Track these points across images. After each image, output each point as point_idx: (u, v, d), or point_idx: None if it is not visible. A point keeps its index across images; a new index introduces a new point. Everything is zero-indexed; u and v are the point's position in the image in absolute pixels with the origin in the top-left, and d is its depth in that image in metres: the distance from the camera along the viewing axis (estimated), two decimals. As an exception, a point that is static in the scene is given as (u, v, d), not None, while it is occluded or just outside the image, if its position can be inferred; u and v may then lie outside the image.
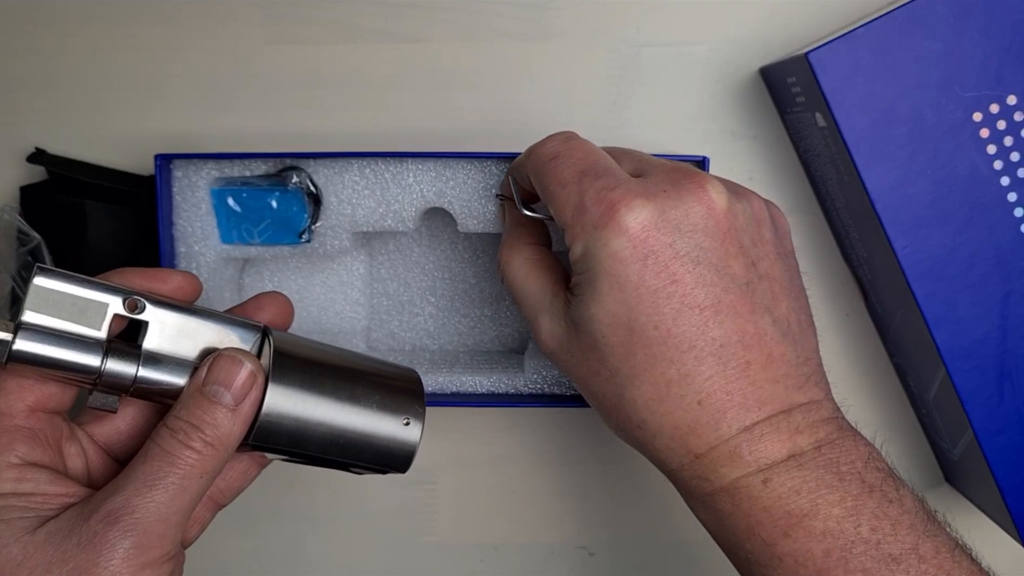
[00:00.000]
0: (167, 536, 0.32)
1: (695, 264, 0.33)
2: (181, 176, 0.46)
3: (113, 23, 0.50)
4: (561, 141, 0.37)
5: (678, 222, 0.34)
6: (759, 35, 0.48)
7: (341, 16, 0.49)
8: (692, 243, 0.34)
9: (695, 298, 0.33)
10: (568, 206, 0.35)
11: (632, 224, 0.33)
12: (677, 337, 0.33)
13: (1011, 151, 0.41)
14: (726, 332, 0.33)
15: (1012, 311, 0.43)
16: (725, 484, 0.33)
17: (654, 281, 0.33)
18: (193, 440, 0.32)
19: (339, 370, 0.36)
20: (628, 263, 0.33)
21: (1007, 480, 0.43)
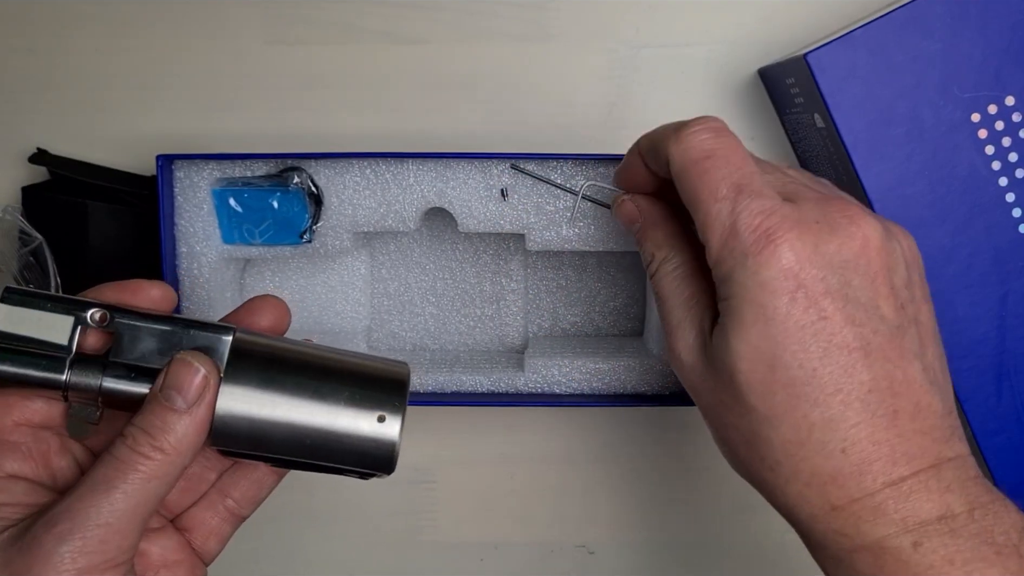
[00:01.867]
0: (110, 542, 0.31)
1: (845, 302, 0.32)
2: (183, 176, 0.46)
3: (114, 23, 0.50)
4: (713, 135, 0.35)
5: (831, 257, 0.32)
6: (758, 36, 0.49)
7: (342, 17, 0.49)
8: (843, 280, 0.32)
9: (844, 338, 0.31)
10: (719, 224, 0.33)
11: (786, 256, 0.31)
12: (823, 378, 0.31)
13: (1009, 152, 0.42)
14: (875, 377, 0.31)
15: (1010, 311, 0.43)
16: (868, 542, 0.31)
17: (803, 317, 0.31)
18: (141, 445, 0.32)
19: (303, 366, 0.35)
20: (777, 295, 0.31)
21: (1005, 480, 0.44)
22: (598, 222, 0.46)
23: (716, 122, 0.35)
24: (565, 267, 0.51)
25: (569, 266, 0.51)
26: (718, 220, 0.33)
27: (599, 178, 0.46)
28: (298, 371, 0.35)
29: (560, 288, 0.51)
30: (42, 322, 0.33)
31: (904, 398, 0.32)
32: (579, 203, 0.45)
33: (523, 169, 0.45)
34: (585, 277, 0.51)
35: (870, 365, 0.31)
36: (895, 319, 0.33)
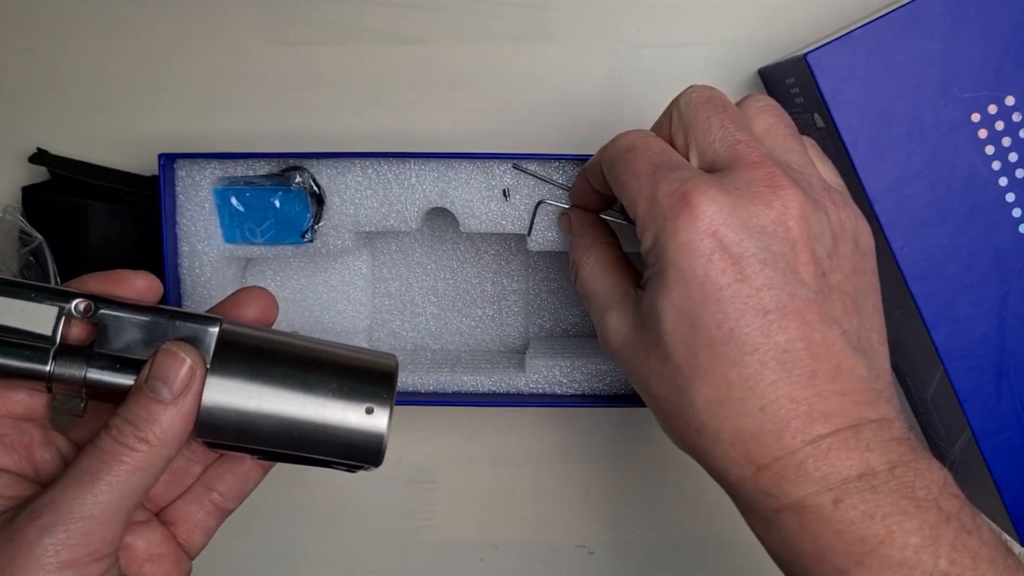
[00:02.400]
0: (94, 534, 0.30)
1: (763, 265, 0.32)
2: (184, 175, 0.46)
3: (114, 23, 0.50)
4: (639, 135, 0.37)
5: (748, 221, 0.33)
6: (758, 36, 0.49)
7: (342, 17, 0.49)
8: (761, 244, 0.33)
9: (760, 300, 0.32)
10: (641, 197, 0.34)
11: (702, 217, 0.32)
12: (740, 338, 0.32)
13: (1009, 152, 0.42)
14: (791, 338, 0.32)
15: (1010, 311, 0.43)
16: (792, 501, 0.32)
17: (720, 278, 0.32)
18: (126, 436, 0.31)
19: (291, 358, 0.34)
20: (695, 256, 0.32)
21: (1005, 480, 0.44)
22: (599, 222, 0.46)
23: (642, 130, 0.38)
24: (566, 267, 0.51)
25: (570, 266, 0.51)
26: (640, 194, 0.34)
27: (600, 178, 0.46)
28: (285, 362, 0.34)
29: (561, 288, 0.51)
30: (25, 312, 0.33)
31: (822, 360, 0.32)
32: (536, 218, 0.45)
33: (525, 169, 0.45)
34: (586, 277, 0.51)
35: (786, 327, 0.32)
36: (815, 285, 0.33)
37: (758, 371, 0.32)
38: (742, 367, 0.32)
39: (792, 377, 0.32)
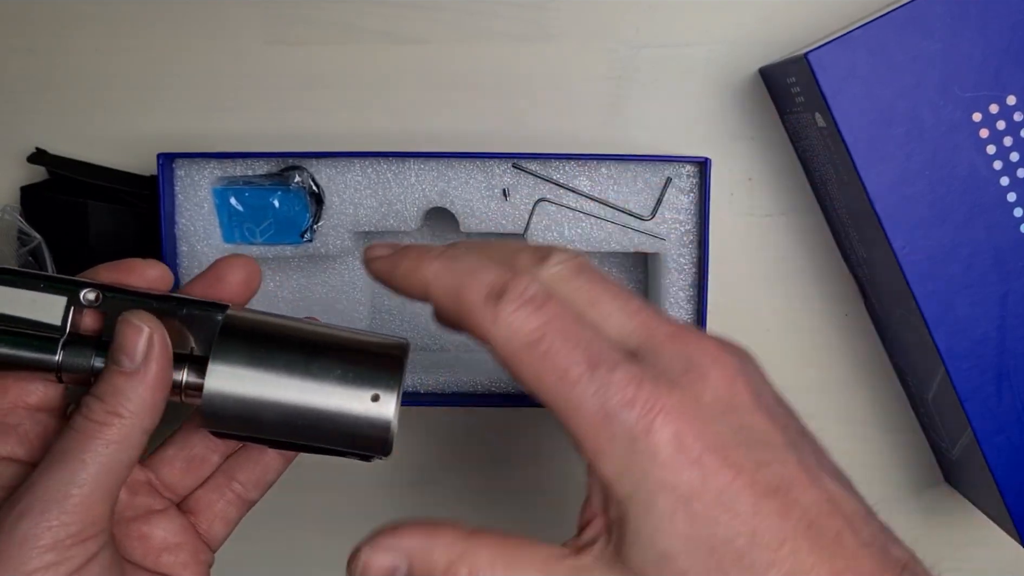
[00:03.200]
0: (75, 514, 0.29)
1: (747, 448, 0.28)
2: (183, 175, 0.46)
3: (113, 23, 0.50)
4: (534, 310, 0.28)
5: (713, 407, 0.28)
6: (758, 36, 0.49)
7: (342, 17, 0.49)
8: (734, 425, 0.28)
9: (765, 484, 0.28)
10: (586, 412, 0.28)
11: (677, 423, 0.27)
12: (764, 535, 0.27)
13: (1010, 151, 0.42)
14: (806, 509, 0.28)
15: (1011, 311, 0.43)
16: None
17: (718, 481, 0.27)
18: (95, 412, 0.31)
19: (296, 343, 0.33)
20: (684, 469, 0.27)
21: (1006, 480, 0.44)
22: (599, 223, 0.46)
23: (529, 285, 0.29)
24: (566, 267, 0.51)
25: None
26: (582, 408, 0.28)
27: (600, 179, 0.46)
28: (289, 348, 0.33)
29: (561, 288, 0.51)
30: (35, 302, 0.33)
31: (837, 516, 0.28)
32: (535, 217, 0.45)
33: (525, 168, 0.45)
34: (586, 277, 0.51)
35: (797, 499, 0.28)
36: (785, 441, 0.29)
37: (794, 563, 0.27)
38: (779, 566, 0.27)
39: (824, 550, 0.27)
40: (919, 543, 0.55)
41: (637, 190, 0.46)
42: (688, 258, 0.47)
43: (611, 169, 0.46)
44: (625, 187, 0.46)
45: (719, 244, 0.50)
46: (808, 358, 0.51)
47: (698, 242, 0.46)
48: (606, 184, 0.46)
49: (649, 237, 0.46)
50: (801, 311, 0.51)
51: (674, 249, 0.46)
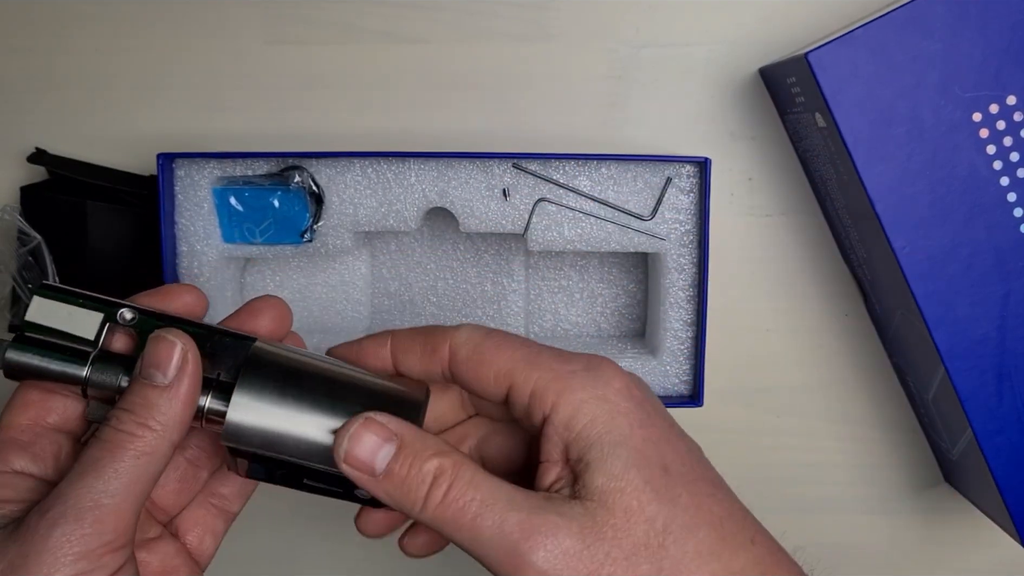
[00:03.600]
0: (106, 523, 0.30)
1: (664, 414, 0.34)
2: (183, 175, 0.46)
3: (113, 23, 0.50)
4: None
5: (634, 380, 0.34)
6: (758, 36, 0.49)
7: (342, 17, 0.49)
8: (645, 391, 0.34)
9: (685, 441, 0.33)
10: (538, 381, 0.33)
11: (618, 372, 0.33)
12: (700, 472, 0.32)
13: (1010, 151, 0.42)
14: (717, 472, 0.34)
15: (1011, 311, 0.43)
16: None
17: (662, 421, 0.33)
18: (126, 424, 0.31)
19: (320, 382, 0.33)
20: (634, 404, 0.32)
21: (1006, 480, 0.44)
22: (599, 223, 0.46)
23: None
24: (567, 267, 0.51)
25: (571, 266, 0.51)
26: (533, 379, 0.33)
27: (600, 179, 0.46)
28: (313, 386, 0.33)
29: (561, 289, 0.51)
30: (72, 317, 0.33)
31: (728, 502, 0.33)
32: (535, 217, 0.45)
33: (525, 168, 0.45)
34: (587, 277, 0.51)
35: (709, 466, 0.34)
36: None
37: (732, 503, 0.32)
38: (720, 498, 0.32)
39: (752, 521, 0.33)
40: (919, 543, 0.55)
41: (637, 190, 0.46)
42: (688, 258, 0.47)
43: (611, 169, 0.46)
44: (625, 187, 0.46)
45: (719, 244, 0.50)
46: (808, 358, 0.51)
47: (698, 242, 0.46)
48: (606, 184, 0.46)
49: (649, 237, 0.46)
50: (801, 311, 0.51)
51: (674, 249, 0.46)
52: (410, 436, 0.32)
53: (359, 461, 0.32)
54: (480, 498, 0.31)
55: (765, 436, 0.52)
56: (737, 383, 0.52)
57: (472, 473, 0.31)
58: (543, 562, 0.29)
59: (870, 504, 0.53)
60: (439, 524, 0.31)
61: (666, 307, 0.47)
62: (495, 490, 0.31)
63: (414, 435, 0.32)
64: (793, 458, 0.52)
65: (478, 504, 0.30)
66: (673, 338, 0.47)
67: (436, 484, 0.31)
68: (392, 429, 0.32)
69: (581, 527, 0.30)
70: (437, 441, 0.32)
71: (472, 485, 0.31)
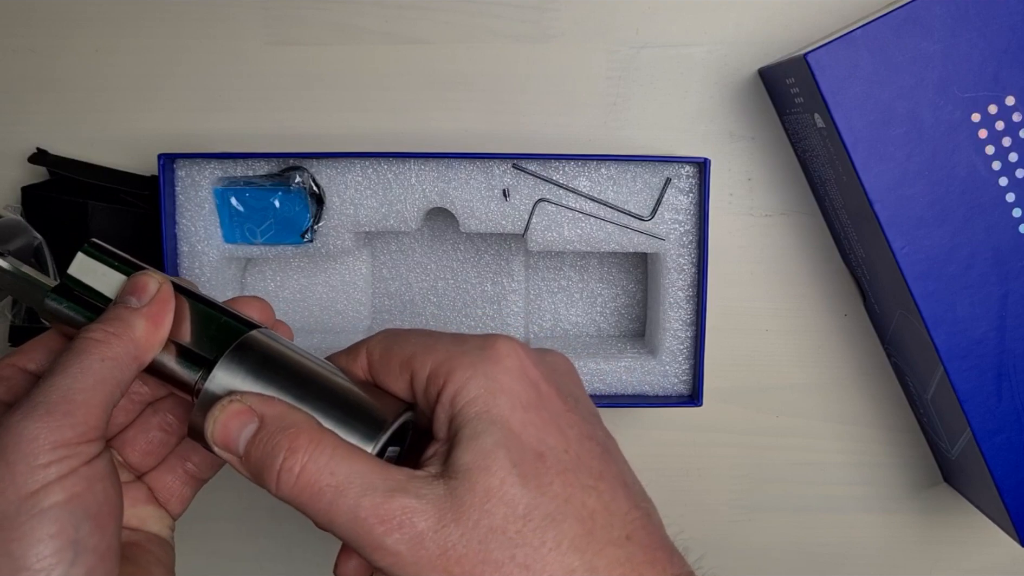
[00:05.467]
0: (75, 415, 0.31)
1: (557, 391, 0.33)
2: (184, 175, 0.46)
3: (114, 23, 0.50)
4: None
5: (536, 358, 0.33)
6: (758, 36, 0.49)
7: (342, 17, 0.49)
8: (547, 373, 0.33)
9: (584, 429, 0.32)
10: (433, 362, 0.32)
11: (511, 352, 0.32)
12: (586, 463, 0.31)
13: (1009, 152, 0.42)
14: (620, 468, 0.32)
15: (1010, 311, 0.43)
16: None
17: (557, 404, 0.32)
18: (93, 331, 0.32)
19: (296, 378, 0.34)
20: (525, 384, 0.32)
21: (1005, 480, 0.44)
22: (599, 223, 0.46)
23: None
24: (566, 268, 0.51)
25: (570, 267, 0.51)
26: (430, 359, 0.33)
27: (600, 179, 0.46)
28: (284, 380, 0.34)
29: (561, 289, 0.51)
30: (106, 277, 0.35)
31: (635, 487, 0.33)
32: (535, 217, 0.45)
33: (525, 169, 0.45)
34: (586, 278, 0.51)
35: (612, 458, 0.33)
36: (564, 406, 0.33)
37: (614, 497, 0.31)
38: (598, 493, 0.31)
39: (640, 504, 0.32)
40: (918, 543, 0.55)
41: (637, 190, 0.46)
42: (688, 258, 0.47)
43: (611, 169, 0.46)
44: (625, 187, 0.46)
45: (719, 244, 0.50)
46: (808, 358, 0.51)
47: (698, 242, 0.46)
48: (606, 184, 0.46)
49: (649, 237, 0.46)
50: (800, 311, 0.51)
51: (674, 249, 0.46)
52: (272, 414, 0.32)
53: (223, 441, 0.32)
54: (335, 483, 0.30)
55: (764, 436, 0.52)
56: (736, 383, 0.52)
57: (330, 455, 0.31)
58: (395, 544, 0.29)
59: (869, 504, 0.53)
60: (298, 505, 0.31)
61: (665, 307, 0.47)
62: (352, 473, 0.30)
63: (277, 413, 0.32)
64: (792, 458, 0.52)
65: (332, 490, 0.30)
66: (672, 338, 0.47)
67: (287, 463, 0.31)
68: (255, 408, 0.32)
69: (438, 508, 0.29)
70: (302, 418, 0.32)
71: (327, 469, 0.30)
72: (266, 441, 0.31)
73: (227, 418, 0.32)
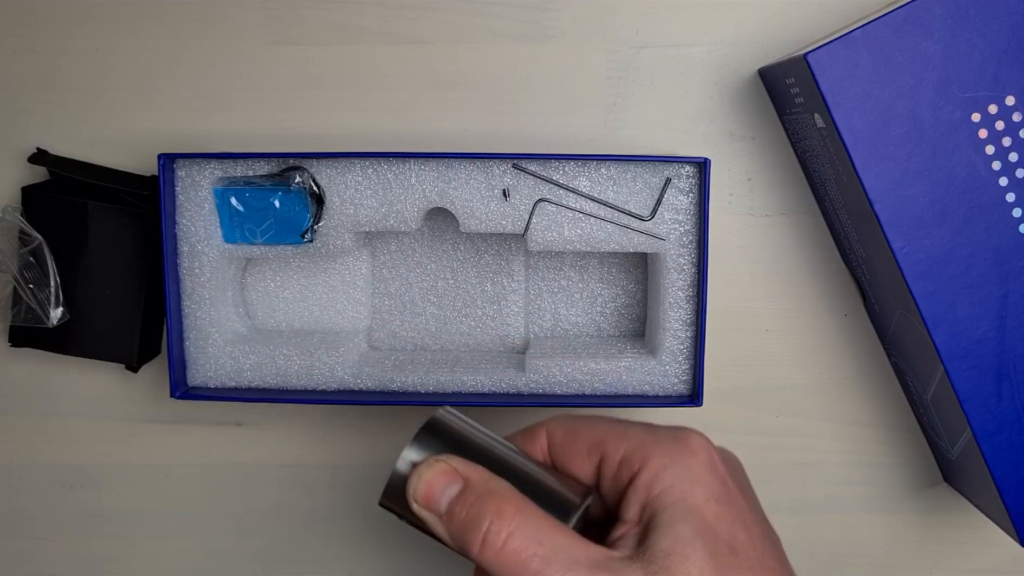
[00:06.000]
0: None
1: (748, 495, 0.36)
2: (184, 175, 0.46)
3: (114, 23, 0.50)
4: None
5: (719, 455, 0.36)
6: (758, 36, 0.49)
7: (342, 17, 0.49)
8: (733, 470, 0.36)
9: (764, 528, 0.34)
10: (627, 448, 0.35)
11: (703, 445, 0.35)
12: (768, 562, 0.33)
13: (1009, 152, 0.42)
14: (790, 569, 0.35)
15: (1010, 311, 0.43)
16: None
17: (742, 500, 0.34)
18: None
19: (482, 458, 0.35)
20: (716, 478, 0.34)
21: (1005, 480, 0.44)
22: (599, 223, 0.46)
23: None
24: (566, 267, 0.51)
25: (570, 266, 0.51)
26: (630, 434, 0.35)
27: (600, 179, 0.46)
28: (478, 456, 0.35)
29: (561, 289, 0.51)
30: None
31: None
32: (535, 218, 0.45)
33: (525, 169, 0.45)
34: (586, 277, 0.51)
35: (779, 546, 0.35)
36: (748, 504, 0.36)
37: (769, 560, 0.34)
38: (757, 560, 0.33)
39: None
40: (918, 543, 0.55)
41: (637, 190, 0.46)
42: (688, 258, 0.47)
43: (611, 169, 0.46)
44: (625, 187, 0.46)
45: (719, 244, 0.50)
46: (808, 358, 0.51)
47: (698, 242, 0.46)
48: (606, 184, 0.46)
49: (649, 237, 0.46)
50: (800, 311, 0.51)
51: (674, 249, 0.46)
52: (477, 478, 0.33)
53: (425, 499, 0.33)
54: (542, 554, 0.31)
55: (764, 436, 0.52)
56: (736, 383, 0.52)
57: (536, 525, 0.32)
58: None
59: (869, 504, 0.53)
60: (499, 571, 0.31)
61: (665, 307, 0.47)
62: (557, 546, 0.31)
63: (481, 478, 0.33)
64: (792, 458, 0.52)
65: (539, 560, 0.31)
66: (672, 338, 0.47)
67: (494, 526, 0.32)
68: (459, 471, 0.33)
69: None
70: (506, 486, 0.33)
71: (535, 539, 0.31)
72: (472, 503, 0.32)
73: (432, 476, 0.33)
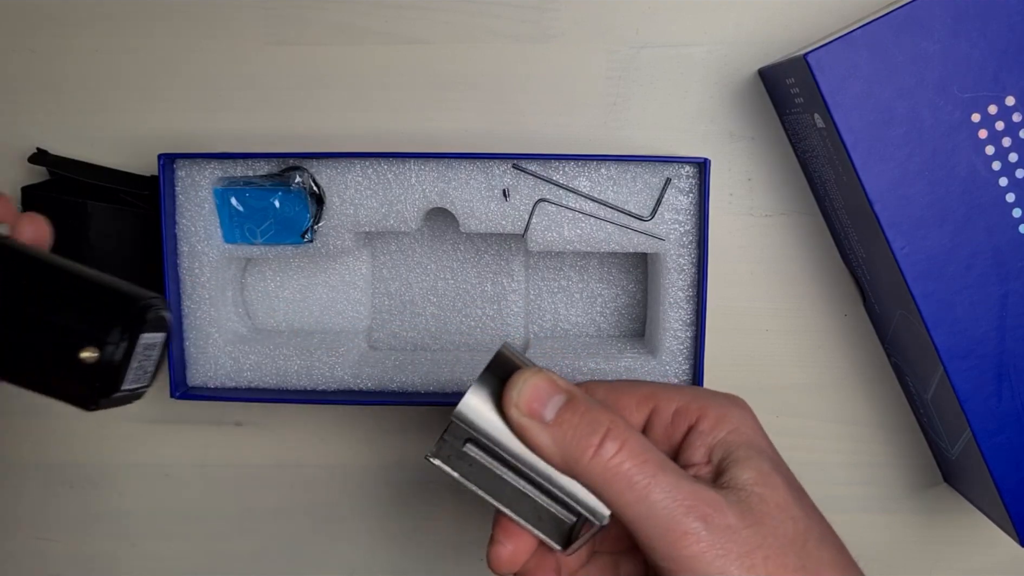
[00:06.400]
0: None
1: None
2: (184, 175, 0.46)
3: (115, 23, 0.50)
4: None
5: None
6: (758, 36, 0.49)
7: (342, 18, 0.49)
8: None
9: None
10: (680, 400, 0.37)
11: (749, 407, 0.38)
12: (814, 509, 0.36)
13: (1009, 152, 0.42)
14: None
15: (1010, 311, 0.43)
16: None
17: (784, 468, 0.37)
18: None
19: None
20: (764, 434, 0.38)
21: (1005, 480, 0.44)
22: (599, 223, 0.46)
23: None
24: (566, 268, 0.51)
25: (570, 267, 0.51)
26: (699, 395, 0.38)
27: (600, 179, 0.46)
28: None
29: (561, 288, 0.51)
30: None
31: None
32: (535, 218, 0.45)
33: (525, 169, 0.45)
34: (586, 278, 0.51)
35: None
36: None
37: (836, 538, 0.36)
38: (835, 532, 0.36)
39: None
40: (918, 543, 0.55)
41: (637, 190, 0.46)
42: (688, 258, 0.47)
43: (611, 169, 0.46)
44: (625, 187, 0.46)
45: (719, 244, 0.50)
46: (807, 358, 0.51)
47: (697, 242, 0.46)
48: (606, 184, 0.46)
49: (649, 237, 0.46)
50: (800, 311, 0.51)
51: (674, 249, 0.47)
52: (580, 394, 0.34)
53: (529, 404, 0.33)
54: (651, 470, 0.32)
55: (764, 436, 0.52)
56: (736, 383, 0.51)
57: (642, 445, 0.33)
58: (708, 531, 0.32)
59: (869, 504, 0.53)
60: (604, 480, 0.33)
61: (665, 307, 0.47)
62: (663, 463, 0.33)
63: (583, 393, 0.34)
64: (792, 458, 0.52)
65: (648, 477, 0.32)
66: (672, 338, 0.47)
67: (609, 437, 0.33)
68: (562, 386, 0.34)
69: (740, 510, 0.33)
70: (604, 405, 0.35)
71: (643, 458, 0.33)
72: (584, 412, 0.34)
73: (538, 382, 0.34)
